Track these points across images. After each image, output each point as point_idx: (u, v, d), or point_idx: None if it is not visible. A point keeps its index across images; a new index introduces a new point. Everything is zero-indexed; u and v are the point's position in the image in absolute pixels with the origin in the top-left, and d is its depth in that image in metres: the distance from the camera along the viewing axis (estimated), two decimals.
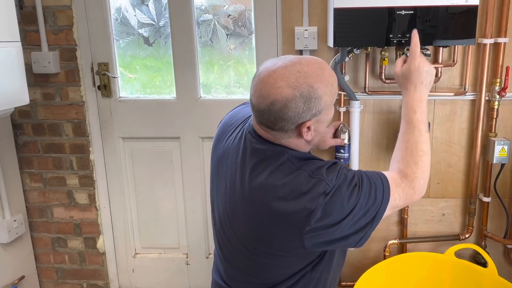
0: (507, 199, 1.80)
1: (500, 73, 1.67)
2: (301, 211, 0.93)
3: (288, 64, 0.96)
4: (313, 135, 1.01)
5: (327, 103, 0.98)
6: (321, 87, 0.95)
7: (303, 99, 0.94)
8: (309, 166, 0.97)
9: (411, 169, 1.05)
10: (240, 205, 1.03)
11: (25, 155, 2.01)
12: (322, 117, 1.00)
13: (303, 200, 0.93)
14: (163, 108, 1.94)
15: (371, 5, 1.44)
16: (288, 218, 0.95)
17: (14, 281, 1.96)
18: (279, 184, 0.96)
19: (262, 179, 0.98)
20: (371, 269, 1.66)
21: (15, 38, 1.52)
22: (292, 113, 0.94)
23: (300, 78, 0.94)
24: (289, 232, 0.96)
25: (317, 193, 0.93)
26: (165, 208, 2.06)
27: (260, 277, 1.09)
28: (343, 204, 0.94)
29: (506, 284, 1.56)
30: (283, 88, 0.93)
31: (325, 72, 0.97)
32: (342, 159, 1.62)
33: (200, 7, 1.86)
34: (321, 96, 0.95)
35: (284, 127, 0.97)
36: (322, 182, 0.94)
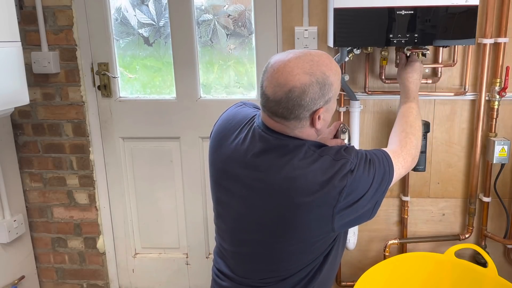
0: (507, 199, 1.80)
1: (500, 73, 1.67)
2: (332, 192, 0.99)
3: (300, 54, 1.02)
4: (322, 124, 1.07)
5: (336, 90, 1.05)
6: (332, 74, 1.02)
7: (319, 85, 0.99)
8: (329, 151, 1.05)
9: (410, 138, 1.22)
10: (269, 200, 1.06)
11: (25, 155, 2.01)
12: (331, 105, 1.06)
13: (333, 181, 0.99)
14: (163, 108, 1.94)
15: (371, 5, 1.44)
16: (321, 202, 1.01)
17: (14, 281, 1.96)
18: (307, 172, 1.01)
19: (289, 171, 1.02)
20: (371, 269, 1.66)
21: (15, 38, 1.52)
22: (309, 98, 0.99)
23: (314, 66, 1.00)
24: (322, 215, 1.02)
25: (344, 172, 1.00)
26: (165, 208, 2.06)
27: (279, 269, 1.12)
28: (365, 179, 1.03)
29: (506, 284, 1.56)
30: (301, 75, 0.98)
31: (333, 62, 1.06)
32: None
33: (200, 7, 1.86)
34: (332, 83, 1.02)
35: (299, 115, 1.01)
36: (347, 162, 1.01)
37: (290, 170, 1.02)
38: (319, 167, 1.01)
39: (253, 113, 1.16)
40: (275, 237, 1.09)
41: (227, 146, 1.15)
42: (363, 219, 1.09)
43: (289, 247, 1.09)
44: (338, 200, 1.00)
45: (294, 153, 1.03)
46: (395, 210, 1.88)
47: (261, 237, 1.12)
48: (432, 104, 1.76)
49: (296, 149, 1.04)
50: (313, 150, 1.04)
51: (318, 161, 1.02)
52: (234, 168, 1.12)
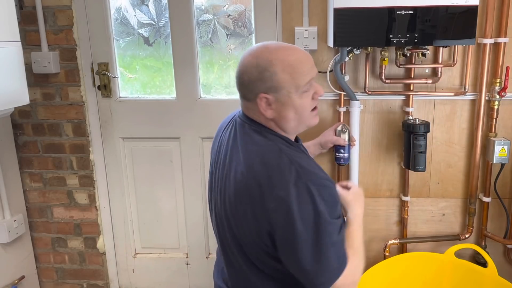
0: (507, 199, 1.80)
1: (500, 73, 1.67)
2: (271, 198, 0.98)
3: (265, 42, 1.08)
4: (275, 116, 1.06)
5: (284, 81, 1.03)
6: (279, 64, 1.02)
7: (258, 68, 1.03)
8: (292, 155, 1.03)
9: (356, 259, 1.04)
10: (228, 186, 1.07)
11: (25, 155, 2.01)
12: (282, 97, 1.04)
13: (277, 186, 0.98)
14: (163, 108, 1.94)
15: (371, 5, 1.44)
16: (264, 196, 1.00)
17: (14, 281, 1.96)
18: (261, 161, 1.02)
19: (245, 157, 1.05)
20: (371, 269, 1.66)
21: (15, 38, 1.52)
22: (247, 78, 1.04)
23: (264, 52, 1.04)
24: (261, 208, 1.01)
25: (290, 181, 0.97)
26: (165, 208, 2.06)
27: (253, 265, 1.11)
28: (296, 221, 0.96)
29: (506, 284, 1.56)
30: (247, 56, 1.06)
31: (292, 57, 1.04)
32: (342, 159, 1.63)
33: (200, 7, 1.86)
34: (276, 72, 1.02)
35: (246, 95, 1.07)
36: (297, 171, 0.98)
37: (246, 153, 1.05)
38: (271, 162, 1.01)
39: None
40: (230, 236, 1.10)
41: (218, 140, 1.21)
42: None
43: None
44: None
45: (252, 136, 1.07)
46: (395, 210, 1.88)
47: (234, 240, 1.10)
48: (432, 104, 1.76)
49: (255, 133, 1.08)
50: (277, 144, 1.05)
51: (269, 150, 1.03)
52: (218, 160, 1.17)
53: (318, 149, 1.60)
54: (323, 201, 0.97)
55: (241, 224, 1.05)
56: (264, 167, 1.00)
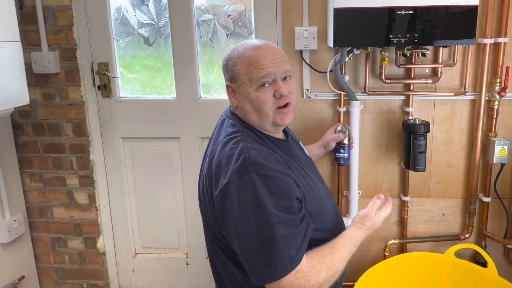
0: (507, 199, 1.80)
1: (500, 73, 1.67)
2: (218, 184, 1.03)
3: (252, 40, 1.19)
4: (237, 105, 1.14)
5: (239, 73, 1.10)
6: (242, 57, 1.10)
7: (226, 60, 1.15)
8: (251, 145, 1.07)
9: (321, 266, 1.01)
10: (202, 177, 1.18)
11: (25, 155, 2.01)
12: (240, 87, 1.11)
13: (223, 173, 1.02)
14: (163, 108, 1.94)
15: (371, 5, 1.44)
16: (212, 180, 1.07)
17: (14, 281, 1.96)
18: (220, 152, 1.08)
19: (212, 148, 1.13)
20: (371, 269, 1.66)
21: (15, 38, 1.52)
22: (221, 67, 1.17)
23: (238, 47, 1.14)
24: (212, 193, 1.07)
25: (235, 168, 1.00)
26: (165, 208, 2.06)
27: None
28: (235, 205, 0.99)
29: (506, 284, 1.56)
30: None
31: (256, 52, 1.10)
32: (342, 159, 1.63)
33: (200, 7, 1.86)
34: (236, 63, 1.11)
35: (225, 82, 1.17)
36: (244, 160, 1.01)
37: (215, 143, 1.14)
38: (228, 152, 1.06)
39: None
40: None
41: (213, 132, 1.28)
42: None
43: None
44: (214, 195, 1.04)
45: (225, 129, 1.15)
46: (395, 210, 1.88)
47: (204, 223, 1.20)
48: (432, 104, 1.76)
49: (228, 126, 1.15)
50: (237, 130, 1.12)
51: (232, 141, 1.08)
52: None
53: (322, 150, 1.62)
54: (268, 191, 0.95)
55: (207, 214, 1.12)
56: (220, 155, 1.06)
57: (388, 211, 1.22)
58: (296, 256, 0.96)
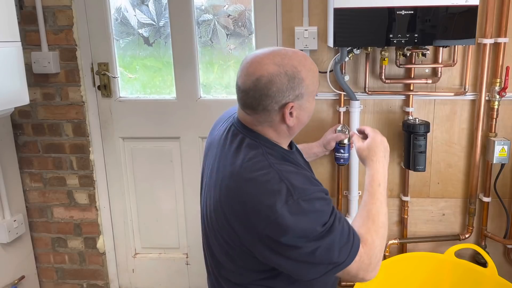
0: (507, 199, 1.80)
1: (500, 73, 1.67)
2: (259, 213, 0.93)
3: (275, 49, 1.03)
4: (295, 123, 1.04)
5: (309, 88, 1.02)
6: (304, 70, 1.01)
7: (287, 77, 0.98)
8: (282, 167, 0.98)
9: (371, 236, 1.02)
10: (213, 193, 1.05)
11: (25, 155, 2.01)
12: (304, 103, 1.03)
13: (265, 202, 0.93)
14: (163, 108, 1.94)
15: (371, 5, 1.44)
16: (249, 215, 0.95)
17: (14, 281, 1.96)
18: (249, 177, 0.97)
19: (233, 169, 1.00)
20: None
21: (15, 38, 1.52)
22: (276, 88, 0.98)
23: (285, 59, 1.00)
24: (248, 227, 0.96)
25: (279, 199, 0.92)
26: (165, 208, 2.06)
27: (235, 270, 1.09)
28: (308, 226, 0.92)
29: (506, 284, 1.56)
30: (269, 65, 0.98)
31: (308, 60, 1.04)
32: (342, 159, 1.62)
33: (200, 7, 1.86)
34: (303, 78, 1.00)
35: (267, 106, 1.00)
36: (288, 189, 0.93)
37: (236, 167, 1.00)
38: (260, 177, 0.95)
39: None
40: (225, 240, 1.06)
41: (210, 137, 1.22)
42: (287, 269, 0.97)
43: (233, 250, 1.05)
44: (260, 225, 0.92)
45: (246, 151, 1.02)
46: (395, 210, 1.88)
47: (217, 238, 1.08)
48: (432, 104, 1.76)
49: (251, 148, 1.02)
50: (266, 157, 1.00)
51: (264, 171, 0.97)
52: (207, 158, 1.17)
53: (321, 149, 1.61)
54: (316, 214, 0.93)
55: (225, 237, 1.04)
56: (252, 184, 0.96)
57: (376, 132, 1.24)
58: (355, 237, 0.98)
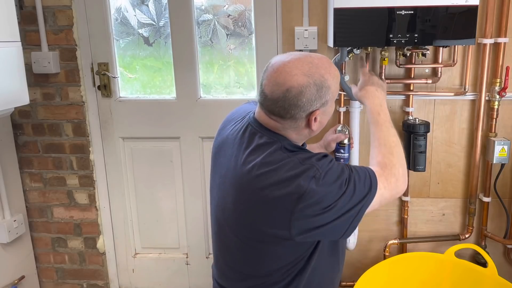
0: (507, 199, 1.80)
1: (500, 73, 1.67)
2: (290, 195, 0.96)
3: (301, 56, 1.04)
4: (317, 127, 1.08)
5: (334, 94, 1.06)
6: (330, 78, 1.04)
7: (316, 87, 1.01)
8: (299, 155, 1.02)
9: (388, 158, 1.11)
10: (231, 192, 1.07)
11: (25, 155, 2.01)
12: (327, 108, 1.07)
13: (293, 184, 0.96)
14: (163, 108, 1.94)
15: (371, 5, 1.44)
16: (278, 203, 0.98)
17: (14, 281, 1.96)
18: (269, 170, 0.99)
19: (253, 166, 1.02)
20: (371, 269, 1.66)
21: (15, 38, 1.52)
22: (306, 99, 1.00)
23: (312, 68, 1.01)
24: (278, 218, 0.99)
25: (307, 177, 0.96)
26: (165, 208, 2.06)
27: (252, 273, 1.10)
28: (334, 191, 0.97)
29: (506, 284, 1.56)
30: (299, 76, 1.00)
31: (332, 66, 1.07)
32: (342, 159, 1.62)
33: (200, 7, 1.86)
34: (330, 86, 1.04)
35: (295, 115, 1.02)
36: (312, 167, 0.98)
37: (255, 165, 1.02)
38: (281, 168, 0.99)
39: (252, 109, 1.19)
40: (239, 237, 1.09)
41: (222, 136, 1.21)
42: (331, 235, 1.05)
43: (253, 250, 1.08)
44: (296, 206, 0.96)
45: (263, 148, 1.04)
46: (395, 210, 1.88)
47: (230, 236, 1.11)
48: (432, 104, 1.76)
49: (266, 145, 1.04)
50: (283, 150, 1.03)
51: (283, 161, 1.00)
52: (220, 157, 1.17)
53: (322, 151, 1.61)
54: (339, 177, 0.99)
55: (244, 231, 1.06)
56: (274, 173, 0.99)
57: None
58: (369, 172, 1.06)
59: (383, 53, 1.65)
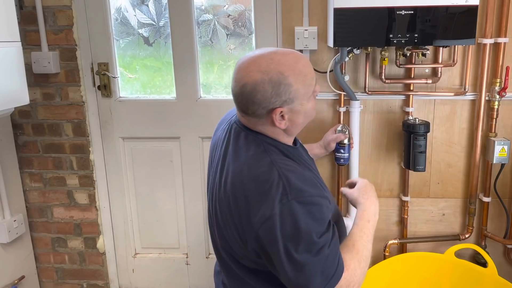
0: (507, 199, 1.80)
1: (500, 73, 1.67)
2: (258, 212, 0.94)
3: (264, 53, 1.01)
4: (288, 125, 1.03)
5: (299, 92, 1.00)
6: (292, 75, 0.98)
7: (271, 84, 0.97)
8: (283, 164, 0.99)
9: (354, 264, 1.01)
10: (219, 189, 1.06)
11: (25, 155, 2.01)
12: (295, 107, 1.01)
13: (263, 202, 0.94)
14: (163, 108, 1.94)
15: (371, 5, 1.44)
16: (250, 212, 0.97)
17: (14, 281, 1.96)
18: (251, 175, 0.98)
19: (238, 166, 1.02)
20: (371, 269, 1.66)
21: (15, 38, 1.52)
22: (260, 96, 0.98)
23: (271, 64, 0.98)
24: (248, 224, 0.97)
25: (276, 197, 0.93)
26: (165, 208, 2.06)
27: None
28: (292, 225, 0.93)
29: (506, 284, 1.56)
30: (254, 72, 0.98)
31: (299, 63, 1.00)
32: (342, 159, 1.63)
33: (200, 7, 1.86)
34: (291, 84, 0.98)
35: (256, 112, 1.01)
36: (284, 187, 0.94)
37: (237, 165, 1.02)
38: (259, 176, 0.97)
39: None
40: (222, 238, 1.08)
41: (214, 137, 1.22)
42: (275, 269, 0.97)
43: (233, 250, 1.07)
44: (255, 225, 0.94)
45: (248, 147, 1.03)
46: (395, 210, 1.88)
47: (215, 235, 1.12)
48: (432, 104, 1.76)
49: (252, 144, 1.04)
50: (266, 151, 1.02)
51: (264, 168, 0.98)
52: (212, 159, 1.18)
53: (322, 151, 1.61)
54: (310, 219, 0.93)
55: (229, 233, 1.04)
56: (253, 181, 0.97)
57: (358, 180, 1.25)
58: (335, 271, 0.96)
59: (383, 53, 1.65)
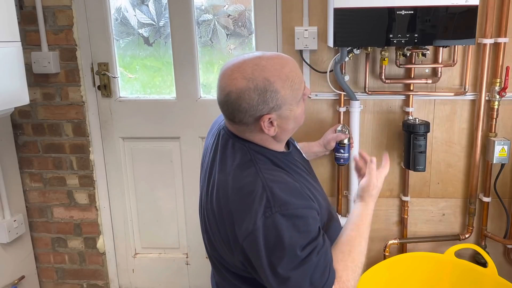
0: (507, 199, 1.80)
1: (500, 73, 1.67)
2: (242, 224, 0.92)
3: (248, 58, 0.97)
4: (277, 131, 1.01)
5: (287, 98, 0.97)
6: (278, 81, 0.95)
7: (257, 91, 0.94)
8: (268, 175, 0.96)
9: (347, 275, 0.97)
10: (206, 198, 1.05)
11: (25, 155, 2.01)
12: (284, 112, 0.99)
13: (247, 214, 0.92)
14: (163, 108, 1.94)
15: (371, 5, 1.44)
16: (233, 224, 0.95)
17: (14, 281, 1.96)
18: (236, 186, 0.96)
19: (223, 176, 1.00)
20: (371, 269, 1.66)
21: (15, 38, 1.52)
22: (246, 104, 0.95)
23: (256, 71, 0.94)
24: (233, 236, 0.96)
25: (259, 210, 0.91)
26: (165, 208, 2.06)
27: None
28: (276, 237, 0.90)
29: (506, 284, 1.56)
30: (238, 80, 0.94)
31: (285, 68, 0.97)
32: (342, 159, 1.63)
33: (200, 7, 1.86)
34: (278, 90, 0.95)
35: (243, 120, 0.98)
36: (268, 200, 0.91)
37: (222, 175, 1.00)
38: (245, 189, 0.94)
39: None
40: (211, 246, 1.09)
41: (207, 140, 1.21)
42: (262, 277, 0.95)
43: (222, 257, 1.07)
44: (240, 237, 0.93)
45: (235, 156, 1.01)
46: (395, 210, 1.88)
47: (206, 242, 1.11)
48: (432, 104, 1.76)
49: (239, 153, 1.01)
50: (252, 160, 0.99)
51: (249, 178, 0.96)
52: (203, 165, 1.16)
53: (321, 149, 1.61)
54: (295, 231, 0.90)
55: (218, 242, 1.03)
56: (237, 193, 0.95)
57: (386, 170, 1.21)
58: (330, 274, 0.94)
59: (383, 53, 1.65)
